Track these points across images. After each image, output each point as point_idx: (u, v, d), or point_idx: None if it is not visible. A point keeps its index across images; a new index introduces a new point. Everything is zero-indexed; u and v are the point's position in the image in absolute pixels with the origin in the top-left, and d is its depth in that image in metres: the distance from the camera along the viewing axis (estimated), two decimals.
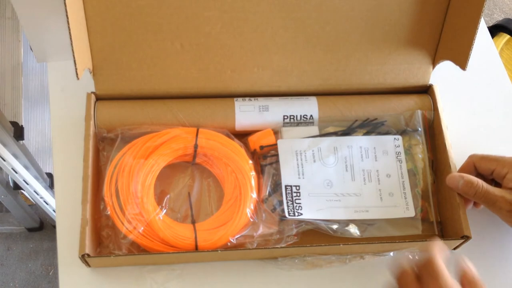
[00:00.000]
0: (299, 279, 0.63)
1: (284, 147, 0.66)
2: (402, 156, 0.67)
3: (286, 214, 0.62)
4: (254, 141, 0.66)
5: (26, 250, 1.49)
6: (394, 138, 0.68)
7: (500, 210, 0.61)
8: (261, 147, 0.66)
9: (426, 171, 0.67)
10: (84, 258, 0.57)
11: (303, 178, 0.64)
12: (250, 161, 0.64)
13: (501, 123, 0.77)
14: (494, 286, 0.65)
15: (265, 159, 0.65)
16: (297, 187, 0.64)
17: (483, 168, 0.64)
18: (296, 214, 0.62)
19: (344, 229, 0.63)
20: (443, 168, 0.66)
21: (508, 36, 1.24)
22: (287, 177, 0.64)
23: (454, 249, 0.65)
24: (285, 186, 0.64)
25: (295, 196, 0.63)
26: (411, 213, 0.65)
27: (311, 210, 0.63)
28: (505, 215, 0.61)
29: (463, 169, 0.65)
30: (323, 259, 0.63)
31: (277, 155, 0.65)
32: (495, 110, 0.78)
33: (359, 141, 0.67)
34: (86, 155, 0.61)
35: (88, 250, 0.57)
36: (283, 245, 0.61)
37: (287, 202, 0.63)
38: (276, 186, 0.64)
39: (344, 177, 0.65)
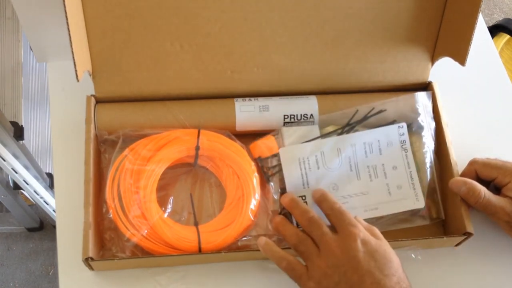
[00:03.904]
0: None
1: (287, 156, 0.64)
2: (408, 145, 0.65)
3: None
4: (256, 150, 0.66)
5: (26, 250, 1.49)
6: (399, 127, 0.66)
7: (498, 220, 0.63)
8: (262, 159, 0.65)
9: (426, 168, 0.67)
10: (87, 261, 0.57)
11: (308, 187, 0.64)
12: (253, 162, 0.64)
13: (501, 123, 0.77)
14: (496, 283, 0.66)
15: (269, 169, 0.65)
16: (303, 197, 0.63)
17: (484, 175, 0.64)
18: None
19: None
20: (444, 165, 0.67)
21: (508, 36, 1.24)
22: (293, 189, 0.63)
23: (456, 245, 0.65)
24: None
25: None
26: (421, 204, 0.64)
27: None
28: (504, 225, 0.63)
29: (464, 175, 0.65)
30: None
31: (280, 164, 0.64)
32: (495, 109, 0.78)
33: (362, 137, 0.66)
34: (87, 158, 0.61)
35: (91, 253, 0.57)
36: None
37: None
38: (283, 192, 0.64)
39: (349, 178, 0.64)
